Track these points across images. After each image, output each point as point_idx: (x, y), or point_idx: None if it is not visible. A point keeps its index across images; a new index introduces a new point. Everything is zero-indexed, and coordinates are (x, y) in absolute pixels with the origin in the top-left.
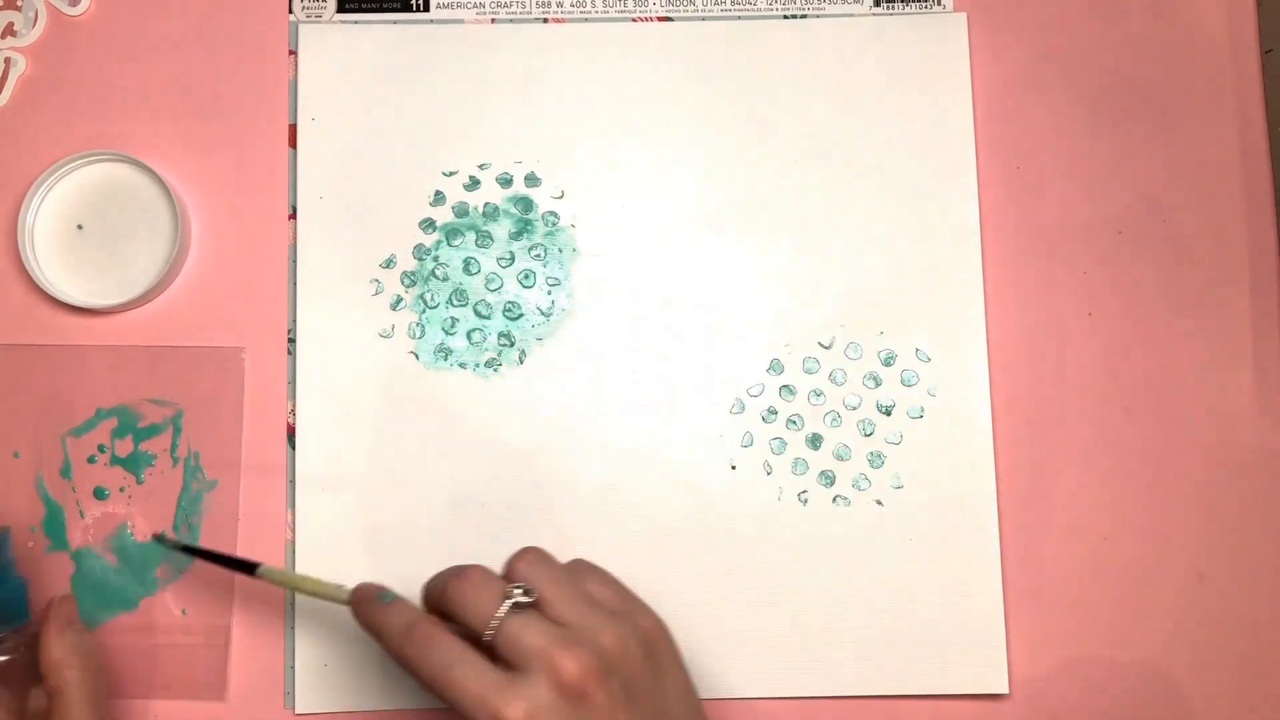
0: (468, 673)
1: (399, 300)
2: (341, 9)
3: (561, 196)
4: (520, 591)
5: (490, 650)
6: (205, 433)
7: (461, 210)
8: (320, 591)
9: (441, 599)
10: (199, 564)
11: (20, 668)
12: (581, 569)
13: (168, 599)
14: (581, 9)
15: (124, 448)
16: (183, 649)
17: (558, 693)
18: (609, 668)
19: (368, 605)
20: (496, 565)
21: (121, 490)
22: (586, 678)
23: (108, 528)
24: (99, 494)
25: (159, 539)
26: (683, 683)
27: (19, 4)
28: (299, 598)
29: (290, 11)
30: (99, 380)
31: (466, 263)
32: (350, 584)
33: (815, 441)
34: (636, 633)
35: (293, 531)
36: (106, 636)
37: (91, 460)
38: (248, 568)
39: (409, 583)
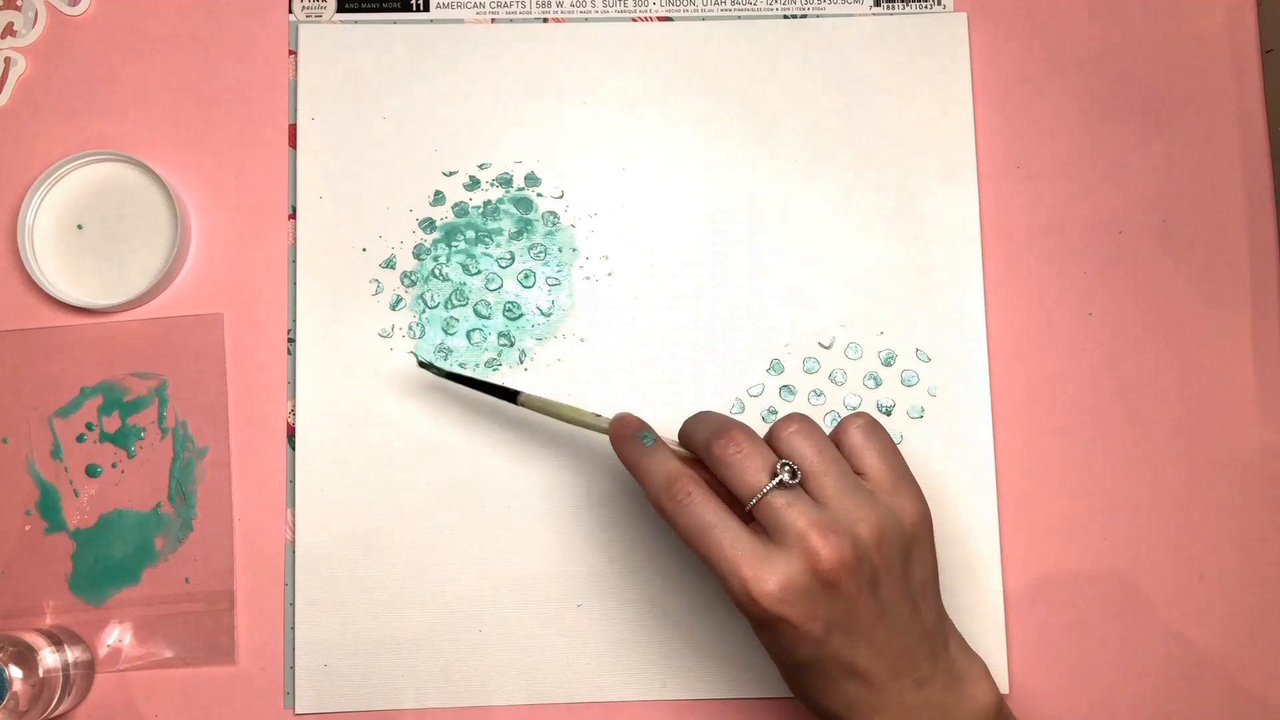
0: (725, 538)
1: (399, 300)
2: (341, 9)
3: (561, 196)
4: (788, 471)
5: (746, 515)
6: (191, 401)
7: (461, 210)
8: (580, 419)
9: (705, 454)
10: (198, 529)
11: None
12: (858, 437)
13: (170, 568)
14: (581, 9)
15: (111, 423)
16: (189, 616)
17: (811, 575)
18: (862, 558)
19: (628, 444)
20: (498, 564)
21: (114, 466)
22: (840, 567)
23: (103, 504)
24: (91, 471)
25: (424, 365)
26: (928, 575)
27: (19, 4)
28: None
29: (290, 11)
30: (80, 359)
31: (466, 263)
32: (606, 414)
33: None
34: (896, 524)
35: (293, 531)
36: (112, 611)
37: (81, 439)
38: (509, 395)
39: (407, 583)
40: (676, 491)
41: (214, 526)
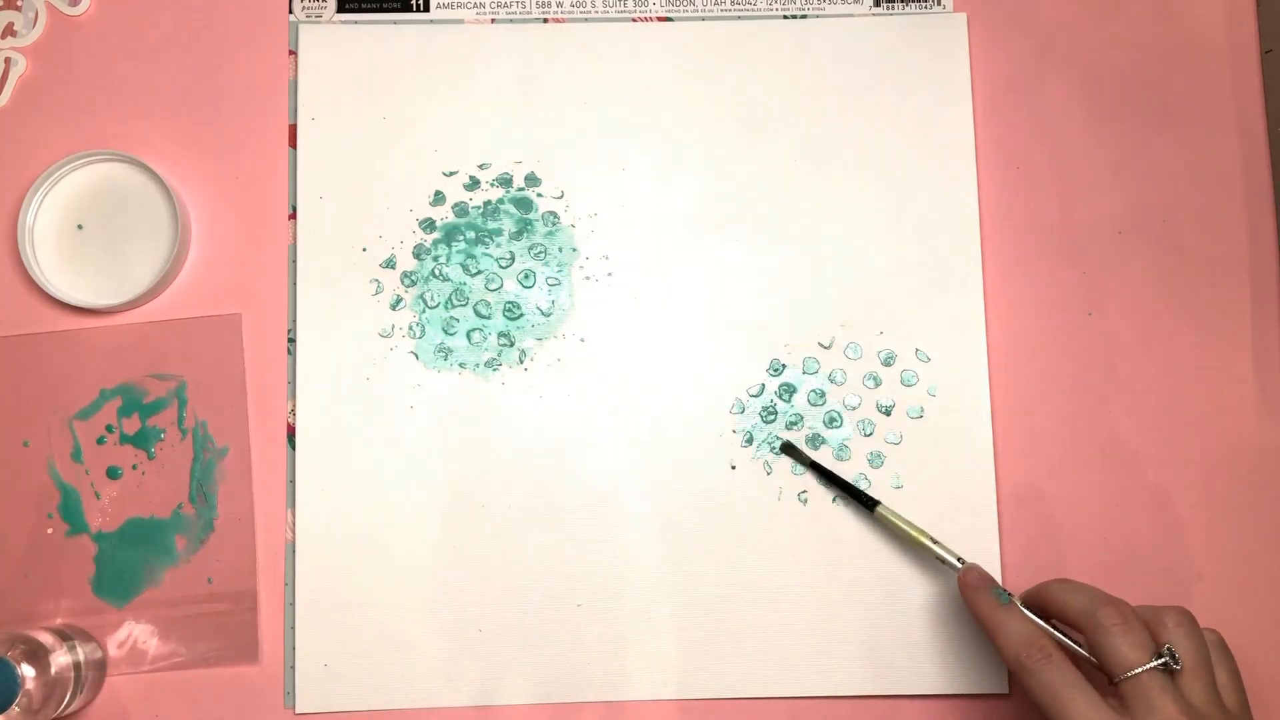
0: (1083, 700)
1: (399, 300)
2: (341, 9)
3: (561, 196)
4: (1173, 658)
5: (1104, 686)
6: (210, 401)
7: (461, 210)
8: (931, 552)
9: (1085, 618)
10: (219, 530)
11: None
12: (1218, 652)
13: (192, 569)
14: (581, 9)
15: (131, 425)
16: (212, 616)
17: None
18: None
19: (981, 596)
20: (498, 564)
21: (134, 468)
22: None
23: (125, 506)
24: (112, 474)
25: (786, 448)
26: None
27: (19, 4)
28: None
29: (290, 11)
30: (99, 362)
31: (466, 263)
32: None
33: (815, 441)
34: None
35: (293, 531)
36: (135, 613)
37: (101, 441)
38: (869, 503)
39: (407, 583)
40: (1035, 652)
41: (235, 527)
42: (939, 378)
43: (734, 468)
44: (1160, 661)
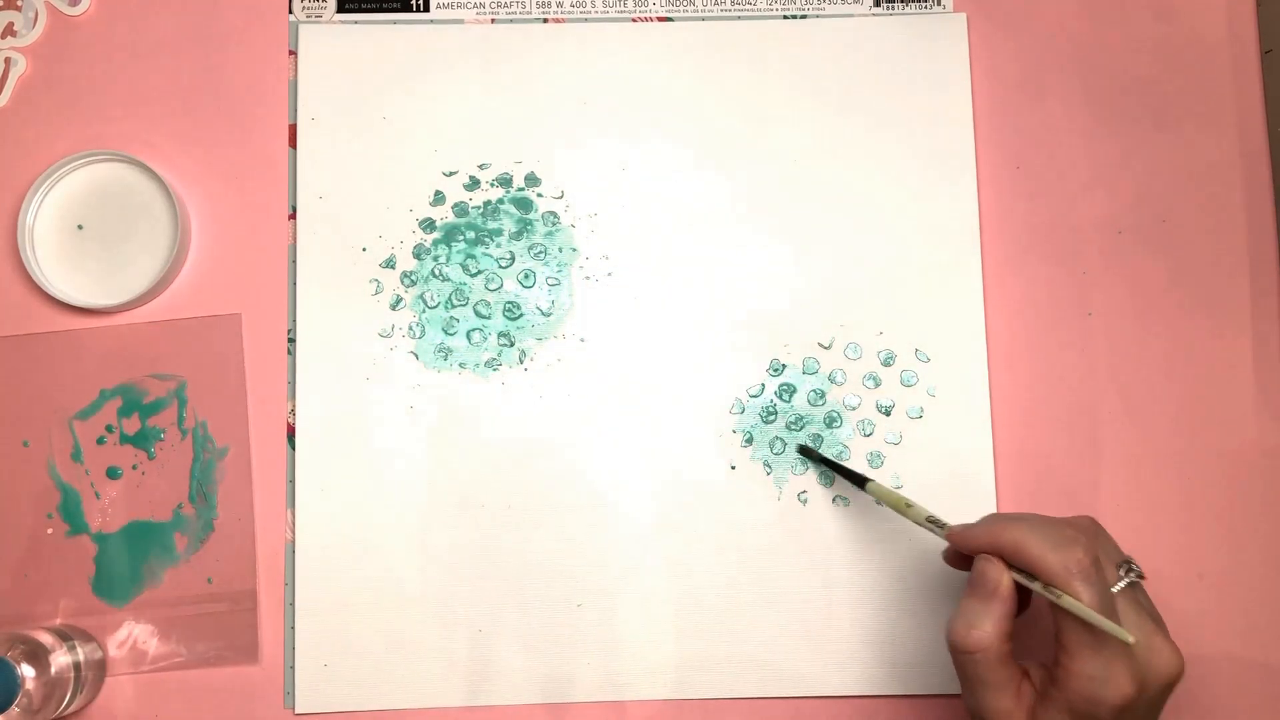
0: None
1: (399, 300)
2: (341, 9)
3: (561, 196)
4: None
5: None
6: (210, 401)
7: (461, 210)
8: (919, 522)
9: (1062, 574)
10: (219, 530)
11: None
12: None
13: (191, 569)
14: (581, 9)
15: (131, 425)
16: (212, 616)
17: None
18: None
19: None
20: (498, 564)
21: (134, 468)
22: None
23: (125, 506)
24: (112, 474)
25: (802, 450)
26: None
27: (19, 4)
28: None
29: (290, 11)
30: (99, 362)
31: (466, 263)
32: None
33: (815, 442)
34: None
35: (293, 531)
36: (135, 612)
37: (101, 441)
38: (858, 480)
39: (407, 583)
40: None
41: (235, 527)
42: (939, 378)
43: (734, 468)
44: (1133, 576)
